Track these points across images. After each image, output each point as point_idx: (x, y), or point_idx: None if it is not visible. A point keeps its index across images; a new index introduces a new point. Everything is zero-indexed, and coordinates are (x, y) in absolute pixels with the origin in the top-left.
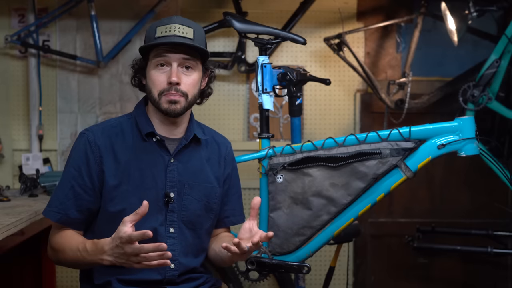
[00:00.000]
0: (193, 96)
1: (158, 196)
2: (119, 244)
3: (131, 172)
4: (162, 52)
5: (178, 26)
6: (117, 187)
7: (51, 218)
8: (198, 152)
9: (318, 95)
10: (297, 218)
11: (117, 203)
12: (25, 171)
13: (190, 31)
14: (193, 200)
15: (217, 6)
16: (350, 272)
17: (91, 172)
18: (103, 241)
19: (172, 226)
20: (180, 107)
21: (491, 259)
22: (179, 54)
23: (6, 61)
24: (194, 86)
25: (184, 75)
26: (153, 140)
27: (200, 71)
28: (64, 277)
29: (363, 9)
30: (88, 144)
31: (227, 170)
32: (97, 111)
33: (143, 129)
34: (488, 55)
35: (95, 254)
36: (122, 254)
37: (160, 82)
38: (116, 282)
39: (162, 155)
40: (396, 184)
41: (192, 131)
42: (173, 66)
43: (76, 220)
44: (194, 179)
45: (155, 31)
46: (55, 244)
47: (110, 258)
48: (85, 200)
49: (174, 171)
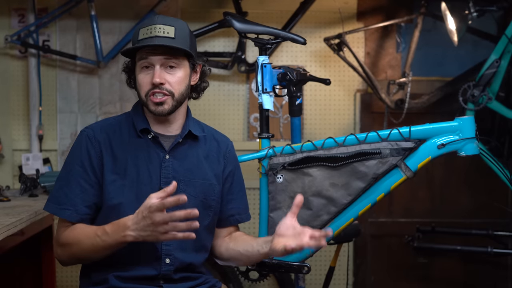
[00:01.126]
0: (180, 94)
1: (153, 191)
2: (146, 215)
3: (127, 167)
4: (144, 55)
5: (159, 27)
6: (113, 182)
7: (62, 216)
8: (195, 149)
9: (318, 95)
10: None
11: (113, 197)
12: (25, 171)
13: (171, 30)
14: (189, 196)
15: (217, 6)
16: (350, 272)
17: (94, 167)
18: (124, 219)
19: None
20: (168, 107)
21: (491, 259)
22: (160, 55)
23: (6, 61)
24: (180, 83)
25: (168, 74)
26: (148, 137)
27: (186, 67)
28: (64, 277)
29: (363, 9)
30: (88, 140)
31: (228, 168)
32: (97, 111)
33: (138, 126)
34: (488, 55)
35: (117, 232)
36: (148, 226)
37: (145, 83)
38: (113, 279)
39: (157, 151)
40: (396, 184)
41: (188, 128)
42: (156, 67)
43: (85, 216)
44: (190, 175)
45: (138, 33)
46: (66, 239)
47: (133, 233)
48: (92, 195)
49: (169, 167)
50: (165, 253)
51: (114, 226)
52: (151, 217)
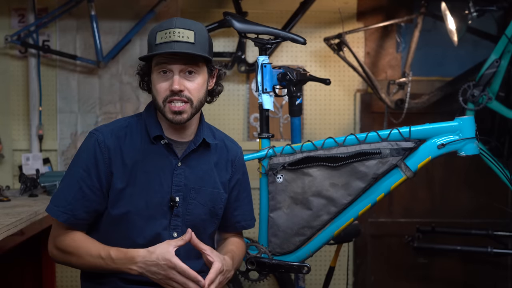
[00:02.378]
0: (198, 101)
1: (163, 200)
2: (163, 265)
3: (137, 174)
4: (163, 60)
5: (178, 30)
6: (123, 189)
7: (58, 219)
8: (208, 157)
9: (318, 95)
10: (297, 218)
11: (122, 205)
12: (25, 171)
13: (191, 34)
14: (198, 204)
15: (217, 6)
16: (350, 272)
17: (99, 174)
18: (133, 251)
19: (176, 230)
20: (186, 116)
21: (491, 259)
22: (179, 61)
23: (6, 61)
24: (199, 90)
25: (187, 80)
26: (161, 143)
27: (204, 73)
28: (64, 277)
29: (363, 9)
30: (97, 145)
31: (236, 176)
32: (97, 111)
33: (151, 132)
34: (488, 55)
35: (123, 263)
36: (159, 273)
37: (163, 89)
38: (118, 281)
39: (170, 158)
40: (396, 184)
41: (202, 135)
42: (175, 74)
43: (82, 222)
44: (201, 183)
45: (155, 36)
46: (66, 247)
47: (140, 270)
48: (93, 201)
49: (181, 175)
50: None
51: (121, 254)
52: (166, 271)
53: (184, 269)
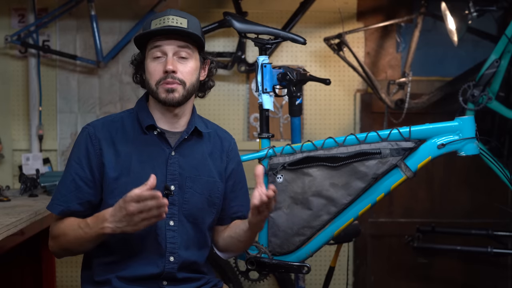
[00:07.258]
0: (191, 84)
1: (158, 188)
2: (122, 205)
3: (131, 164)
4: (156, 43)
5: (172, 17)
6: (117, 179)
7: (53, 211)
8: (201, 146)
9: (318, 95)
10: (297, 218)
11: (117, 195)
12: (25, 171)
13: (184, 21)
14: (195, 193)
15: (217, 6)
16: (350, 272)
17: (91, 165)
18: (104, 211)
19: (172, 219)
20: (178, 96)
21: (491, 259)
22: (173, 42)
23: (6, 61)
24: (192, 74)
25: (180, 63)
26: (154, 133)
27: (197, 60)
28: (64, 277)
29: (363, 9)
30: (88, 138)
31: (231, 166)
32: (97, 111)
33: (143, 122)
34: (488, 55)
35: (97, 224)
36: (124, 216)
37: (156, 72)
38: (116, 280)
39: (163, 148)
40: (396, 184)
41: (194, 124)
42: (169, 55)
43: (77, 213)
44: (196, 172)
45: (150, 24)
46: (56, 231)
47: (111, 225)
48: (86, 192)
49: (175, 164)
50: (170, 251)
51: (94, 218)
52: (126, 207)
53: (137, 194)
